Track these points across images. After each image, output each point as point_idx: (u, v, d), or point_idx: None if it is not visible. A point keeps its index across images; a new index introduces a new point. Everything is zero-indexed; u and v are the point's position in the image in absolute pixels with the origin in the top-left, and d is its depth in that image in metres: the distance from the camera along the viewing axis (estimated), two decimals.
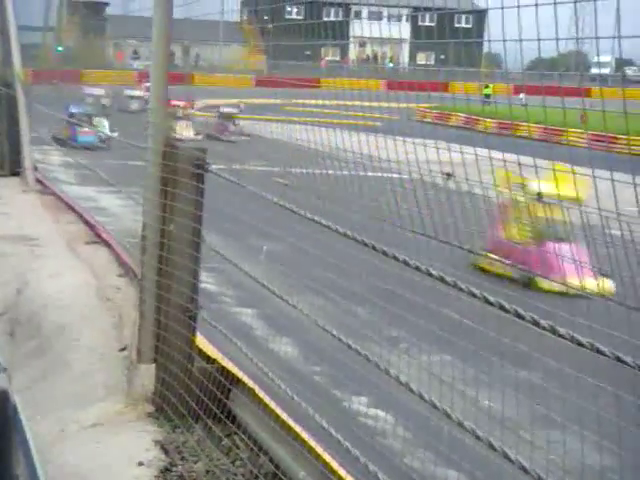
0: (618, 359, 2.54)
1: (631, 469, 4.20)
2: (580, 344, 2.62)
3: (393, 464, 4.76)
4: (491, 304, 2.95)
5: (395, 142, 4.75)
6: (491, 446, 2.62)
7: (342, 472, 4.07)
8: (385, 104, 6.21)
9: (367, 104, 5.68)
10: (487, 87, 32.19)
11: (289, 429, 4.56)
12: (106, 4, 72.75)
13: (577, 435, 4.04)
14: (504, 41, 3.00)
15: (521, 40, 2.83)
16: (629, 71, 52.97)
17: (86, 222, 11.81)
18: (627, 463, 4.46)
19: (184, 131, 28.60)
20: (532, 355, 5.10)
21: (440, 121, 32.84)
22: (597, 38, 2.65)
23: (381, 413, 5.98)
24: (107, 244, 10.30)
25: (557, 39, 2.65)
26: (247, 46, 67.18)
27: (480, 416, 3.92)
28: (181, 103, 31.01)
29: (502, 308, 2.84)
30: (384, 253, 3.49)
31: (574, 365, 4.05)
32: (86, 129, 26.22)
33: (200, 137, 29.44)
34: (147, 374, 5.62)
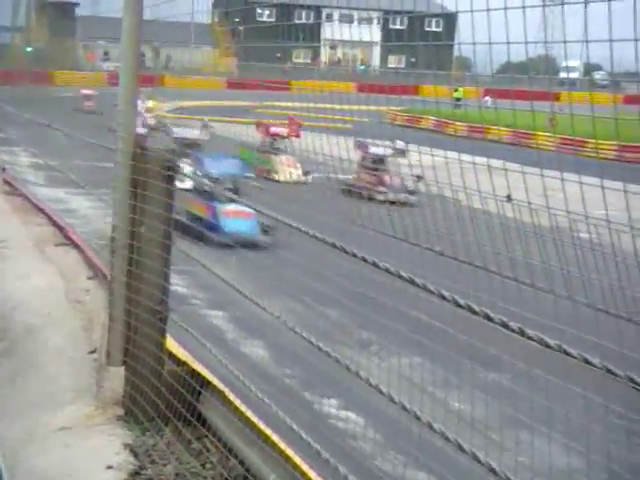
0: (586, 361, 2.56)
1: (599, 470, 4.24)
2: (548, 346, 2.64)
3: (364, 466, 4.77)
4: (460, 306, 2.97)
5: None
6: (460, 448, 2.63)
7: (312, 474, 4.07)
8: (356, 107, 6.22)
9: (338, 107, 5.69)
10: (457, 90, 32.45)
11: (259, 432, 4.56)
12: (75, 4, 72.20)
13: (546, 437, 4.07)
14: (473, 44, 3.02)
15: (490, 44, 2.85)
16: (597, 76, 53.54)
17: (55, 224, 11.72)
18: (595, 464, 4.50)
19: (288, 169, 20.61)
20: (501, 357, 5.13)
21: (411, 124, 32.93)
22: (565, 42, 2.68)
23: (352, 415, 5.98)
24: (77, 246, 10.23)
25: (525, 42, 2.68)
26: (218, 48, 67.04)
27: (450, 418, 3.94)
28: (282, 130, 22.92)
29: (471, 310, 2.85)
30: (354, 255, 3.50)
31: (542, 367, 4.08)
32: (237, 207, 13.61)
33: (309, 179, 19.52)
34: (116, 377, 5.58)
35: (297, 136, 20.72)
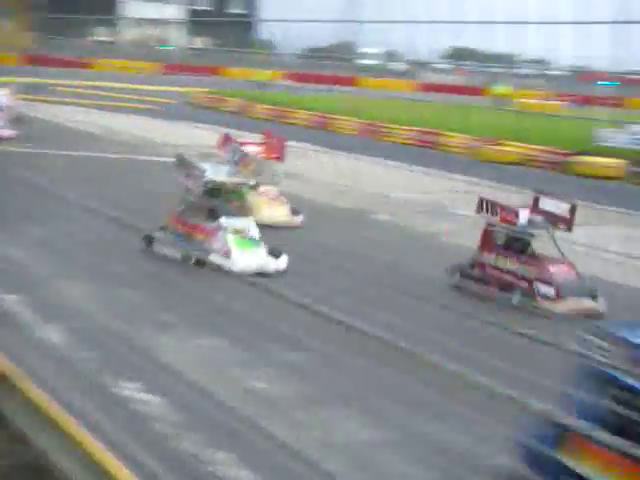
0: None
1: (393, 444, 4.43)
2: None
3: (161, 446, 4.74)
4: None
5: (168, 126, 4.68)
6: (254, 425, 2.66)
7: (105, 456, 3.98)
8: (164, 88, 6.13)
9: (143, 87, 5.57)
10: (259, 73, 32.78)
11: (52, 417, 4.41)
12: None
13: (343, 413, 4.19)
14: (263, 20, 3.04)
15: (283, 21, 2.88)
16: (393, 64, 55.41)
17: None
18: (391, 438, 4.70)
19: (273, 211, 13.77)
20: (301, 337, 5.24)
21: (215, 105, 32.64)
22: (356, 22, 2.74)
23: (149, 397, 5.89)
24: None
25: (319, 21, 2.72)
26: (13, 20, 63.94)
27: (248, 396, 3.97)
28: (256, 149, 13.67)
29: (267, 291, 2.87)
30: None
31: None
32: None
33: (299, 220, 13.70)
34: None
35: (278, 158, 14.18)
